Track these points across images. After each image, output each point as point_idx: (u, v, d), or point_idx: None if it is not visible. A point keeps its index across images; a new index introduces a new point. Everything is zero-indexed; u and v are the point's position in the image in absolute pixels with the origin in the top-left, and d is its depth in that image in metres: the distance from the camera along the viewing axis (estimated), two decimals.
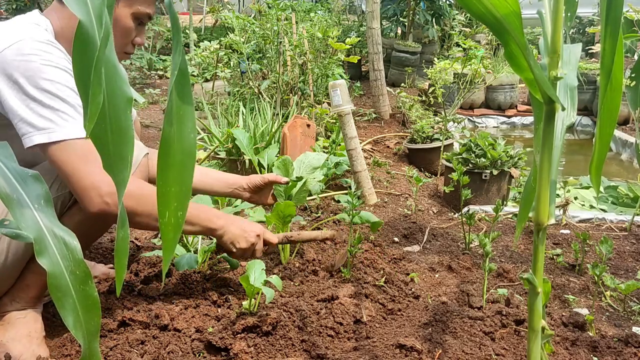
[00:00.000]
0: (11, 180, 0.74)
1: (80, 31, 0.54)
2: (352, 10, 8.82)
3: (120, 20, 1.40)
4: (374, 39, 4.67)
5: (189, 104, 0.60)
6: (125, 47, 1.46)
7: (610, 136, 0.94)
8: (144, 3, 1.42)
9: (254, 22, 4.41)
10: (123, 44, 1.45)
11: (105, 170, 0.58)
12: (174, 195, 0.60)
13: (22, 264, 1.36)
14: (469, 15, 1.43)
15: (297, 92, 4.07)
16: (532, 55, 0.80)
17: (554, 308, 1.67)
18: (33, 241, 0.69)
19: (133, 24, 1.42)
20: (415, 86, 6.06)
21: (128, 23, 1.41)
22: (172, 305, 1.59)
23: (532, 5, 1.31)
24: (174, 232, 0.61)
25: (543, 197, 0.88)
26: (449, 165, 2.86)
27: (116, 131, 0.57)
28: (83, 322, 0.68)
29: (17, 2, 7.03)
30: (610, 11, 0.82)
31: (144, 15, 1.43)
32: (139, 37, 1.47)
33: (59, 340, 1.42)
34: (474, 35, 6.79)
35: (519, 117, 5.78)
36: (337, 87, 2.55)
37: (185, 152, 0.60)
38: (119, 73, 0.56)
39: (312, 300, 1.61)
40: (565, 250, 2.14)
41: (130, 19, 1.41)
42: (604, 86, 0.87)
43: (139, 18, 1.43)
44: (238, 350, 1.33)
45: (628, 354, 1.38)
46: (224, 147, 3.00)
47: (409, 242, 2.20)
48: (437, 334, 1.41)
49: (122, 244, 0.61)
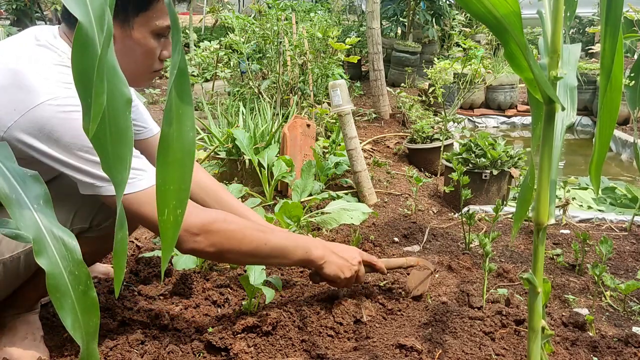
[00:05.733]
0: (10, 180, 0.73)
1: (80, 32, 0.53)
2: (352, 10, 8.83)
3: (140, 43, 1.27)
4: (374, 39, 4.67)
5: (188, 103, 0.60)
6: (152, 67, 1.32)
7: (610, 136, 0.94)
8: (162, 16, 1.26)
9: (254, 22, 4.41)
10: (148, 65, 1.32)
11: (104, 171, 0.58)
12: (173, 193, 0.60)
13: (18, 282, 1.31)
14: (469, 15, 1.42)
15: (297, 92, 4.07)
16: (532, 55, 0.80)
17: (554, 308, 1.67)
18: (32, 241, 0.69)
19: (155, 42, 1.28)
20: (415, 86, 6.06)
21: (149, 44, 1.27)
22: (172, 305, 1.60)
23: (532, 5, 1.31)
24: (172, 230, 0.61)
25: (543, 197, 0.88)
26: (449, 165, 2.86)
27: (115, 132, 0.57)
28: (82, 323, 0.67)
29: (17, 2, 7.03)
30: (610, 11, 0.82)
31: (165, 29, 1.28)
32: (165, 50, 1.32)
33: (59, 341, 1.42)
34: (474, 35, 6.80)
35: (519, 117, 5.78)
36: (337, 87, 2.55)
37: (185, 151, 0.60)
38: (118, 74, 0.56)
39: (312, 300, 1.61)
40: (565, 250, 2.14)
41: (151, 38, 1.27)
42: (604, 86, 0.87)
43: (160, 34, 1.28)
44: (238, 350, 1.33)
45: (628, 354, 1.38)
46: (224, 147, 3.00)
47: (409, 242, 2.20)
48: (437, 334, 1.41)
49: (120, 245, 0.61)
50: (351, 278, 1.46)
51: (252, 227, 1.35)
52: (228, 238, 1.28)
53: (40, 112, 1.12)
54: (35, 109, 1.12)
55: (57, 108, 1.13)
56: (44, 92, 1.13)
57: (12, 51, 1.21)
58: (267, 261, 1.41)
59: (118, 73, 0.56)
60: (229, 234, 1.29)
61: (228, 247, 1.28)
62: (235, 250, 1.30)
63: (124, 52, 1.26)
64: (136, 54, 1.28)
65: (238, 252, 1.31)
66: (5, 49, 1.22)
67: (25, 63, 1.16)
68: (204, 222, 1.24)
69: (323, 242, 1.47)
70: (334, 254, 1.44)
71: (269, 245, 1.35)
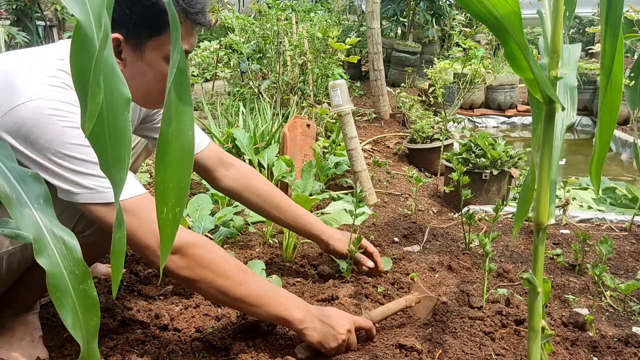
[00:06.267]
0: (10, 179, 0.73)
1: (79, 32, 0.53)
2: (352, 10, 8.83)
3: (152, 67, 1.23)
4: (374, 39, 4.67)
5: (187, 102, 0.60)
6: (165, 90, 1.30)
7: (610, 136, 0.94)
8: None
9: (254, 22, 4.41)
10: (161, 88, 1.27)
11: (102, 171, 0.58)
12: (172, 192, 0.60)
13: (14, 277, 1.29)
14: (469, 15, 1.42)
15: (297, 92, 4.07)
16: (532, 55, 0.80)
17: (554, 308, 1.67)
18: (32, 241, 0.69)
19: (167, 66, 1.22)
20: (415, 86, 6.06)
21: (161, 67, 1.24)
22: (172, 305, 1.59)
23: (532, 5, 1.31)
24: (171, 229, 0.61)
25: (543, 197, 0.87)
26: (449, 165, 2.86)
27: (114, 132, 0.57)
28: (82, 322, 0.67)
29: (17, 2, 7.02)
30: (610, 11, 0.82)
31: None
32: None
33: (58, 341, 1.42)
34: (474, 35, 6.80)
35: (519, 117, 5.78)
36: (337, 87, 2.55)
37: (184, 149, 0.60)
38: (117, 74, 0.56)
39: (312, 300, 1.61)
40: (565, 250, 2.13)
41: (163, 63, 1.23)
42: (604, 86, 0.87)
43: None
44: (238, 350, 1.33)
45: (628, 354, 1.38)
46: (224, 147, 3.00)
47: (409, 242, 2.20)
48: (437, 334, 1.41)
49: (118, 245, 0.61)
50: (339, 347, 1.30)
51: (233, 264, 1.25)
52: (203, 266, 1.20)
53: (20, 111, 1.09)
54: (16, 109, 1.09)
55: (38, 109, 1.09)
56: (28, 92, 1.10)
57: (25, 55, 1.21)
58: (238, 305, 1.27)
59: (117, 72, 0.56)
60: (205, 262, 1.20)
61: (201, 275, 1.19)
62: (206, 280, 1.20)
63: (135, 75, 1.24)
64: (148, 77, 1.25)
65: (209, 284, 1.21)
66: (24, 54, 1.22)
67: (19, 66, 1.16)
68: (184, 243, 1.18)
69: (309, 307, 1.31)
70: (319, 321, 1.29)
71: (244, 288, 1.24)
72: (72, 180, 1.12)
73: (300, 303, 1.31)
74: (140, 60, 1.23)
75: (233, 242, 2.12)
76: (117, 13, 1.16)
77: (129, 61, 1.23)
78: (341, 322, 1.31)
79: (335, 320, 1.31)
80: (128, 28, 1.19)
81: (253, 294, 1.25)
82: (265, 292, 1.27)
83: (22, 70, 1.15)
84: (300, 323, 1.27)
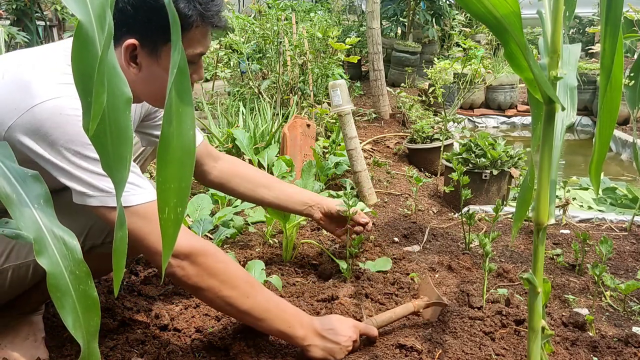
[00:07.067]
0: (11, 179, 0.74)
1: (80, 32, 0.54)
2: (352, 10, 8.83)
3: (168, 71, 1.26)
4: (374, 39, 4.67)
5: (188, 102, 0.60)
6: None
7: (610, 136, 0.94)
8: (192, 44, 1.21)
9: (254, 22, 4.41)
10: None
11: (104, 170, 0.58)
12: (174, 191, 0.60)
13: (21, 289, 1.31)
14: (469, 15, 1.42)
15: (297, 92, 4.07)
16: (532, 55, 0.80)
17: (554, 308, 1.67)
18: (32, 241, 0.69)
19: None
20: (415, 86, 6.06)
21: None
22: (172, 305, 1.60)
23: (532, 5, 1.31)
24: (173, 228, 0.61)
25: (543, 197, 0.88)
26: (449, 165, 2.86)
27: (115, 131, 0.57)
28: (82, 322, 0.67)
29: (17, 2, 7.02)
30: (610, 11, 0.82)
31: (195, 56, 1.24)
32: (195, 74, 1.27)
33: (59, 341, 1.42)
34: (474, 35, 6.80)
35: (519, 117, 5.78)
36: (337, 87, 2.55)
37: (185, 149, 0.60)
38: (118, 74, 0.56)
39: (312, 300, 1.61)
40: (565, 250, 2.14)
41: None
42: (604, 86, 0.87)
43: (190, 61, 1.23)
44: (238, 351, 1.33)
45: (628, 354, 1.38)
46: (224, 147, 3.00)
47: (409, 242, 2.20)
48: (437, 334, 1.41)
49: (120, 244, 0.61)
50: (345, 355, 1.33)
51: (241, 276, 1.26)
52: (211, 275, 1.20)
53: (38, 112, 1.08)
54: (33, 109, 1.08)
55: (57, 109, 1.09)
56: (45, 91, 1.10)
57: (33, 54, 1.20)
58: (243, 317, 1.27)
59: (118, 72, 0.56)
60: (214, 271, 1.20)
61: (208, 284, 1.20)
62: (214, 290, 1.20)
63: (150, 79, 1.23)
64: (163, 81, 1.23)
65: (216, 294, 1.21)
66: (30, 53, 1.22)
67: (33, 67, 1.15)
68: (194, 250, 1.18)
69: (313, 322, 1.31)
70: (322, 338, 1.29)
71: (251, 300, 1.24)
72: (89, 182, 1.11)
73: (304, 319, 1.31)
74: (156, 64, 1.21)
75: (233, 242, 2.12)
76: (133, 19, 1.15)
77: (144, 66, 1.22)
78: (346, 334, 1.32)
79: (340, 333, 1.31)
80: (143, 34, 1.18)
81: (258, 307, 1.26)
82: (270, 307, 1.27)
83: (35, 70, 1.14)
84: (303, 340, 1.28)
